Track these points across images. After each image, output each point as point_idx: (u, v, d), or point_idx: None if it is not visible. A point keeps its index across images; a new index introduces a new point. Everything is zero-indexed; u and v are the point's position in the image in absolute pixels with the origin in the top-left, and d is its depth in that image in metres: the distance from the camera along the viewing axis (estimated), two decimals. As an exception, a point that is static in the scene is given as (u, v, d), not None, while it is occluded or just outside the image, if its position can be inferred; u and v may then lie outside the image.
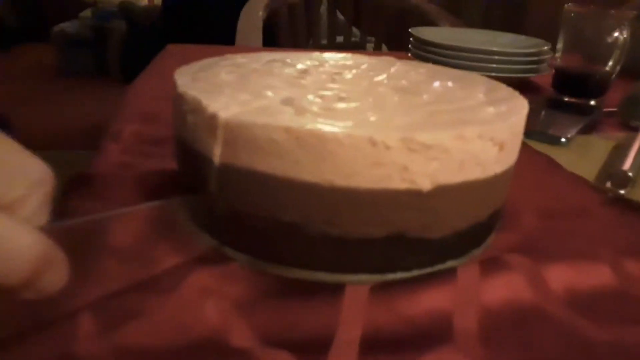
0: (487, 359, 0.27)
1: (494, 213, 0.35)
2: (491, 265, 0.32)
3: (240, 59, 0.42)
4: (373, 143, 0.28)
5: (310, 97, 0.33)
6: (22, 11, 4.08)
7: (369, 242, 0.30)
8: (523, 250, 0.35)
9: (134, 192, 0.39)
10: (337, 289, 0.30)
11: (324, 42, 1.69)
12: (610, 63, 0.72)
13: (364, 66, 0.44)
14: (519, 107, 0.35)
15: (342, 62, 0.44)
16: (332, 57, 0.46)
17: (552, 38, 0.81)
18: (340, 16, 1.92)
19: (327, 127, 0.28)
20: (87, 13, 3.55)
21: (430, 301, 0.30)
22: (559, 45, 0.76)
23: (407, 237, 0.31)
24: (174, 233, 0.33)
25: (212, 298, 0.29)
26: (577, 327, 0.29)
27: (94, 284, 0.27)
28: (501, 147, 0.32)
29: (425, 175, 0.29)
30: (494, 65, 0.79)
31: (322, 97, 0.33)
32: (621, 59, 0.72)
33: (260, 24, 1.30)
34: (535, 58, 0.81)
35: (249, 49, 0.51)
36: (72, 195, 0.38)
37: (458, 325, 0.29)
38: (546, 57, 0.81)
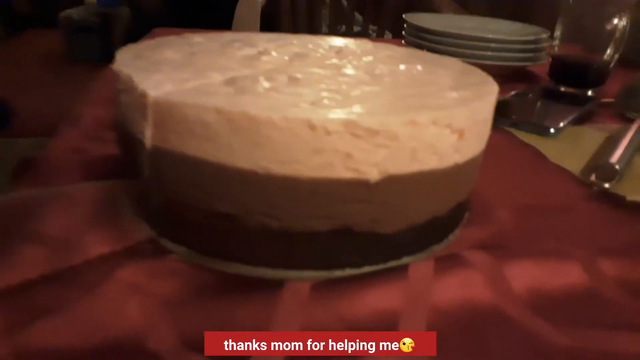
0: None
1: (456, 207, 0.33)
2: (447, 263, 0.30)
3: (197, 38, 0.39)
4: (312, 127, 0.25)
5: (260, 78, 0.31)
6: (32, -2, 4.08)
7: (313, 236, 0.28)
8: (488, 247, 0.32)
9: (80, 178, 0.37)
10: (275, 286, 0.28)
11: (325, 30, 1.66)
12: (609, 52, 0.69)
13: (332, 48, 0.41)
14: (486, 92, 0.32)
15: (310, 45, 0.42)
16: (302, 39, 0.43)
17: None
18: (344, 1, 1.88)
19: (261, 109, 0.25)
20: (92, -1, 3.54)
21: (376, 301, 0.27)
22: (557, 33, 0.73)
23: (355, 231, 0.28)
24: (111, 220, 0.31)
25: (137, 295, 0.26)
26: (537, 330, 0.27)
27: (5, 271, 0.25)
28: (461, 134, 0.29)
29: (372, 164, 0.27)
30: (490, 53, 0.75)
31: (271, 78, 0.31)
32: (620, 48, 0.68)
33: (258, 10, 1.28)
34: (532, 46, 0.77)
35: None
36: (17, 180, 0.36)
37: (404, 326, 0.26)
38: (544, 45, 0.78)
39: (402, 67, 0.37)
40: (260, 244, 0.28)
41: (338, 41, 0.44)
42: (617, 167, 0.44)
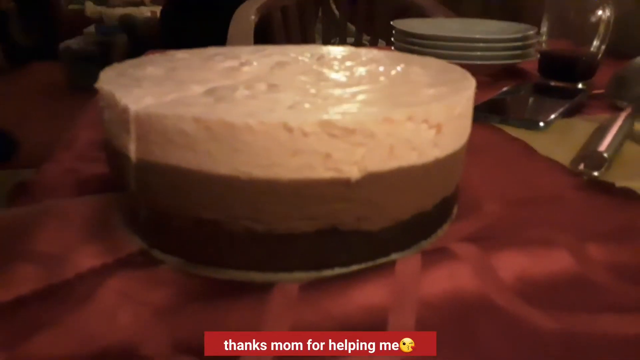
0: (419, 355, 0.25)
1: (442, 202, 0.33)
2: (434, 256, 0.30)
3: (181, 54, 0.40)
4: (289, 130, 0.26)
5: (240, 87, 0.31)
6: (32, 30, 4.15)
7: (299, 237, 0.28)
8: (476, 240, 0.32)
9: (73, 197, 0.37)
10: (264, 289, 0.28)
11: (319, 43, 1.68)
12: (595, 44, 0.69)
13: (314, 56, 0.42)
14: (462, 87, 0.33)
15: (292, 54, 0.42)
16: (284, 49, 0.44)
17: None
18: (337, 13, 1.90)
19: (238, 115, 0.26)
20: (91, 29, 3.59)
21: (364, 298, 0.27)
22: (544, 29, 0.74)
23: (340, 230, 0.29)
24: (102, 233, 0.32)
25: (129, 304, 0.27)
26: (525, 317, 0.27)
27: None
28: (438, 129, 0.29)
29: (351, 163, 0.27)
30: (478, 53, 0.76)
31: (251, 87, 0.31)
32: (606, 39, 0.69)
33: (251, 28, 1.29)
34: (520, 43, 0.78)
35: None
36: (12, 204, 0.37)
37: (393, 322, 0.26)
38: (532, 42, 0.78)
39: (381, 68, 0.37)
40: (247, 248, 0.29)
41: (320, 49, 0.45)
42: (605, 155, 0.44)
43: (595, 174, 0.43)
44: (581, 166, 0.44)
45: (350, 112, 0.28)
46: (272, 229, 0.28)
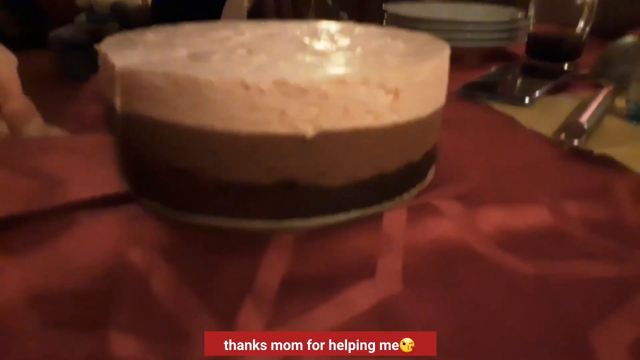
0: (406, 295, 0.27)
1: (407, 166, 0.34)
2: (420, 210, 0.32)
3: (190, 26, 0.42)
4: (245, 87, 0.28)
5: (221, 51, 0.34)
6: (21, 20, 4.11)
7: (260, 188, 0.30)
8: (459, 198, 0.34)
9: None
10: (261, 238, 0.30)
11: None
12: (580, 25, 0.71)
13: (310, 29, 0.43)
14: (429, 57, 0.34)
15: (291, 27, 0.44)
16: (288, 25, 0.45)
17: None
18: (329, 1, 1.91)
19: (203, 72, 0.28)
20: (82, 17, 3.56)
21: (355, 244, 0.29)
22: (531, 12, 0.76)
23: (300, 184, 0.31)
24: (98, 168, 0.34)
25: (130, 241, 0.29)
26: (504, 263, 0.29)
27: None
28: (396, 95, 0.31)
29: (305, 120, 0.29)
30: (468, 36, 0.78)
31: (232, 52, 0.34)
32: (591, 21, 0.71)
33: (244, 15, 1.30)
34: (508, 26, 0.80)
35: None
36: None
37: (381, 266, 0.28)
38: (520, 25, 0.81)
39: (364, 41, 0.39)
40: (215, 196, 0.31)
41: (321, 24, 0.46)
42: (585, 126, 0.46)
43: (575, 142, 0.45)
44: (562, 136, 0.46)
45: (304, 73, 0.29)
46: (234, 179, 0.30)
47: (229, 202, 0.31)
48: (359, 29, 0.45)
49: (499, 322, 0.25)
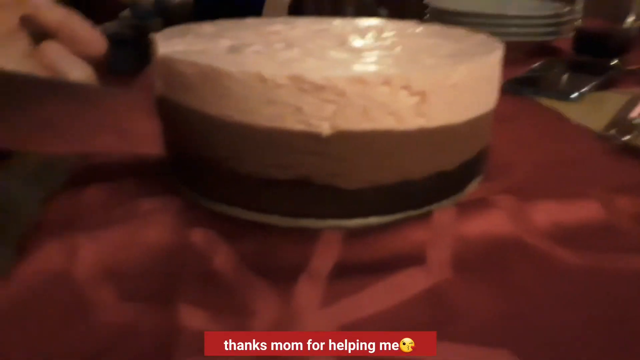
0: (455, 281, 0.27)
1: (438, 175, 0.32)
2: (472, 204, 0.32)
3: (252, 20, 0.43)
4: (262, 80, 0.28)
5: (260, 44, 0.34)
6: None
7: (275, 183, 0.30)
8: (509, 192, 0.35)
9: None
10: (311, 233, 0.31)
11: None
12: (630, 19, 0.69)
13: (360, 26, 0.42)
14: (466, 60, 0.31)
15: (340, 24, 0.44)
16: (339, 22, 0.45)
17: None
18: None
19: (227, 63, 0.29)
20: (126, 13, 3.64)
21: (405, 234, 0.30)
22: (578, 6, 0.74)
23: (315, 183, 0.30)
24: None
25: (190, 224, 0.31)
26: (554, 254, 0.29)
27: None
28: (423, 98, 0.29)
29: (321, 118, 0.28)
30: (513, 30, 0.77)
31: (269, 45, 0.34)
32: (642, 14, 0.69)
33: (285, 10, 1.31)
34: (554, 21, 0.78)
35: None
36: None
37: (431, 253, 0.29)
38: (566, 19, 0.79)
39: (408, 40, 0.37)
40: (232, 187, 0.32)
41: (373, 22, 0.45)
42: (635, 121, 0.45)
43: (626, 138, 0.44)
44: (612, 132, 0.45)
45: (325, 69, 0.29)
46: (250, 172, 0.31)
47: (246, 195, 0.32)
48: (414, 27, 0.43)
49: (547, 311, 0.25)
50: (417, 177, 0.31)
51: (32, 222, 0.32)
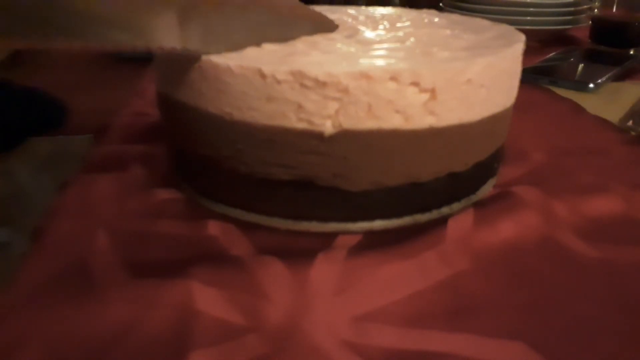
0: (472, 272, 0.27)
1: (448, 177, 0.30)
2: (491, 199, 0.32)
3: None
4: (262, 75, 0.26)
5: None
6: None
7: (277, 184, 0.29)
8: (529, 183, 0.34)
9: (144, 137, 0.41)
10: (327, 237, 0.30)
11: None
12: (650, 9, 0.68)
13: (371, 16, 0.41)
14: (483, 54, 0.29)
15: (358, 12, 0.43)
16: (359, 9, 0.44)
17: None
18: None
19: (227, 57, 0.27)
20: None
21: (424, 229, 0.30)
22: (596, -5, 0.73)
23: (317, 184, 0.29)
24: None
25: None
26: (573, 247, 0.29)
27: None
28: (433, 95, 0.27)
29: (324, 116, 0.27)
30: (529, 18, 0.76)
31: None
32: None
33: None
34: (571, 9, 0.77)
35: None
36: (97, 137, 0.42)
37: (449, 245, 0.29)
38: (583, 7, 0.78)
39: (424, 31, 0.35)
40: (232, 186, 0.31)
41: (389, 11, 0.44)
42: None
43: (643, 129, 0.43)
44: (629, 122, 0.45)
45: (326, 63, 0.27)
46: (251, 172, 0.29)
47: (246, 196, 0.30)
48: (432, 17, 0.41)
49: (564, 304, 0.25)
50: (425, 179, 0.30)
51: (46, 210, 0.32)
